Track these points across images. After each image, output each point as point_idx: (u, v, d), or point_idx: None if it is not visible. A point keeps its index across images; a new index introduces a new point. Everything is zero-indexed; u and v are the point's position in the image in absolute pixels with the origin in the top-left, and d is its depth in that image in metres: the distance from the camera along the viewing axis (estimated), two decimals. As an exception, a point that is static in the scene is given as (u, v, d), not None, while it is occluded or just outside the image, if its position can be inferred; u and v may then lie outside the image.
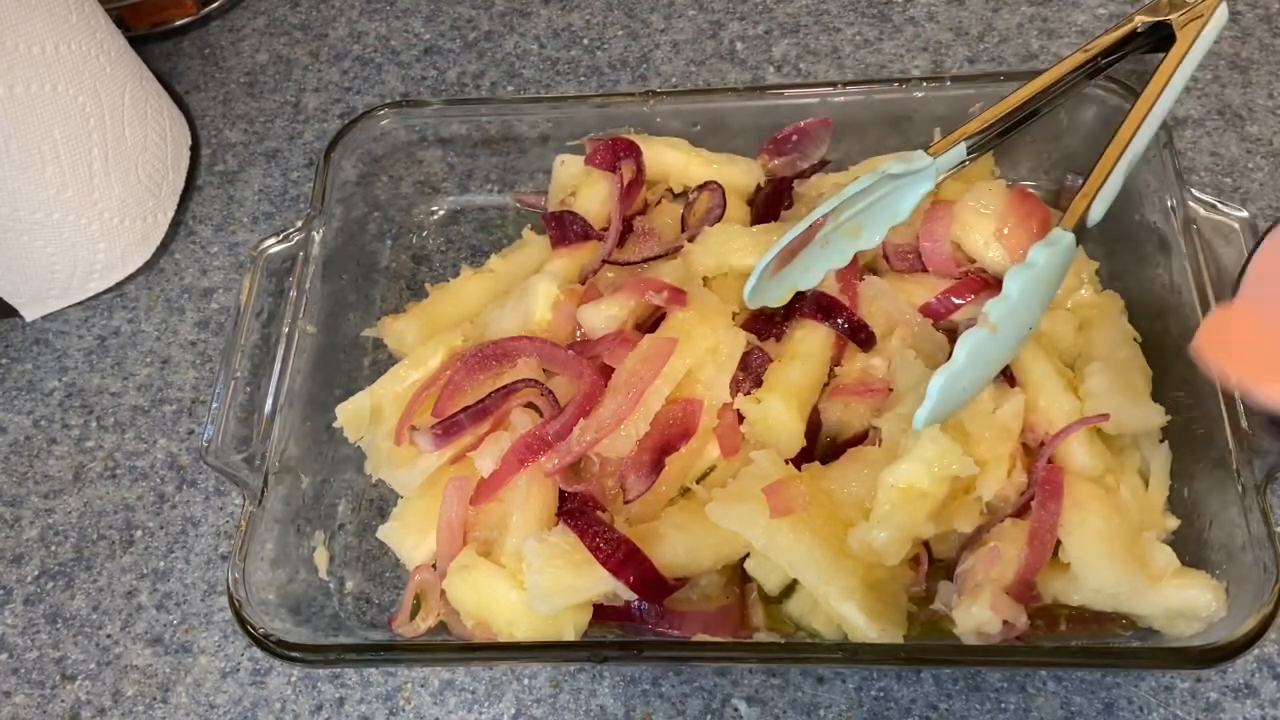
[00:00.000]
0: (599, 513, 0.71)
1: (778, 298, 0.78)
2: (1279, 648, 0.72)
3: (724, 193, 0.86)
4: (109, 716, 0.77)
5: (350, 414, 0.80)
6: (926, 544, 0.70)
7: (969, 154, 0.75)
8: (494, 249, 0.94)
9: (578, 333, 0.80)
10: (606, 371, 0.75)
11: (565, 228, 0.87)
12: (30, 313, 0.96)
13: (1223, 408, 0.69)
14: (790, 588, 0.72)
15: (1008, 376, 0.75)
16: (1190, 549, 0.69)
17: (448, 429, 0.74)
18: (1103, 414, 0.72)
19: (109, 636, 0.80)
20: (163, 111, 0.99)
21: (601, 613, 0.72)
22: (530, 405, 0.76)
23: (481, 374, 0.77)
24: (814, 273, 0.78)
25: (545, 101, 0.92)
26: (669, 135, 0.90)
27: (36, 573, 0.84)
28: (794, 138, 0.89)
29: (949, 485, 0.67)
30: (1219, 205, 0.75)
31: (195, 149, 1.05)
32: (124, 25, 1.07)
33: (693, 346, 0.74)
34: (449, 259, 0.96)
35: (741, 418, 0.76)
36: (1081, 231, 0.68)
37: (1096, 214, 0.69)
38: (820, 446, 0.78)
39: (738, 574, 0.73)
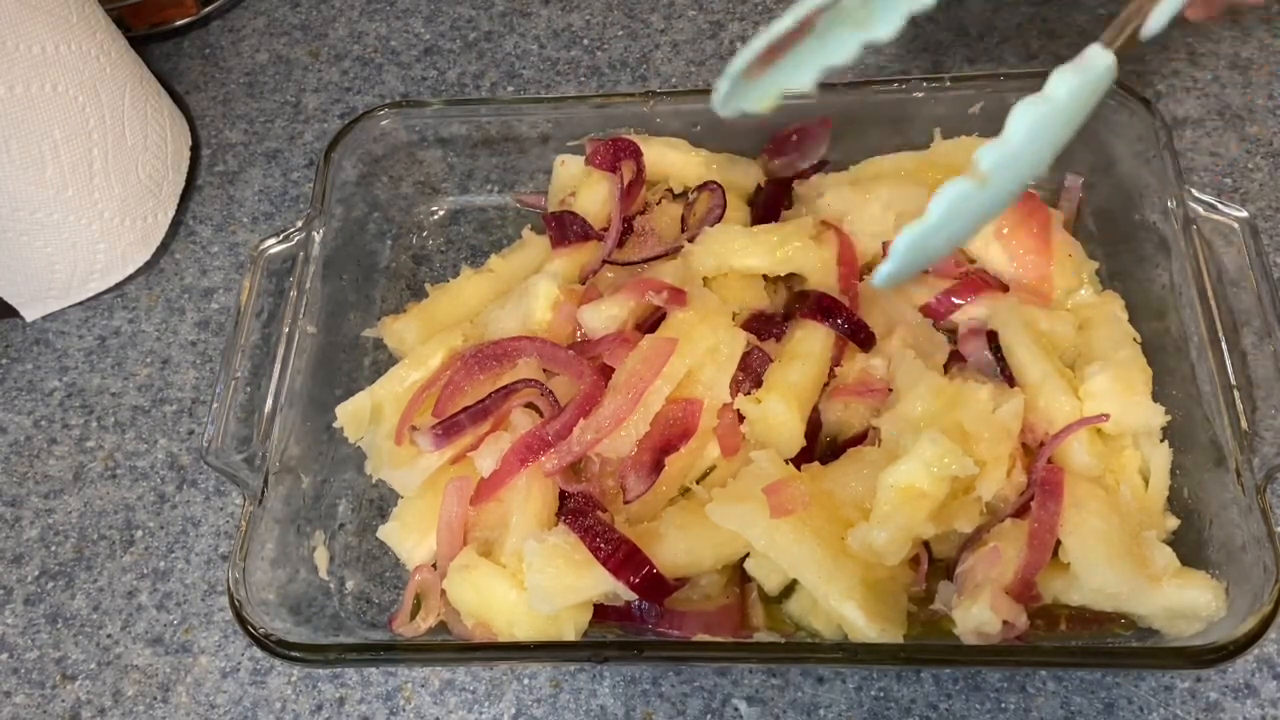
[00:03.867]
0: (599, 513, 0.71)
1: (759, 101, 0.63)
2: (1279, 648, 0.72)
3: (724, 193, 0.86)
4: (109, 716, 0.77)
5: (350, 414, 0.80)
6: (926, 544, 0.70)
7: None
8: (494, 249, 0.94)
9: (578, 333, 0.80)
10: (607, 371, 0.75)
11: (565, 228, 0.87)
12: (30, 313, 0.96)
13: (1223, 408, 0.69)
14: (790, 588, 0.72)
15: (1008, 376, 0.75)
16: (1190, 549, 0.69)
17: (448, 429, 0.74)
18: (1103, 414, 0.72)
19: (109, 636, 0.80)
20: (163, 111, 0.99)
21: (602, 613, 0.72)
22: (530, 405, 0.77)
23: (481, 374, 0.77)
24: (806, 71, 0.62)
25: (545, 102, 0.92)
26: (669, 135, 0.90)
27: (37, 573, 0.84)
28: (794, 138, 0.89)
29: (949, 485, 0.67)
30: (1219, 205, 0.75)
31: (195, 149, 1.05)
32: (124, 25, 1.07)
33: (693, 347, 0.74)
34: (449, 259, 0.96)
35: (741, 418, 0.76)
36: (1127, 50, 0.54)
37: (1157, 23, 0.55)
38: (820, 446, 0.78)
39: (738, 574, 0.73)
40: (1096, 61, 0.52)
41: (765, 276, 0.83)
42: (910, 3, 0.58)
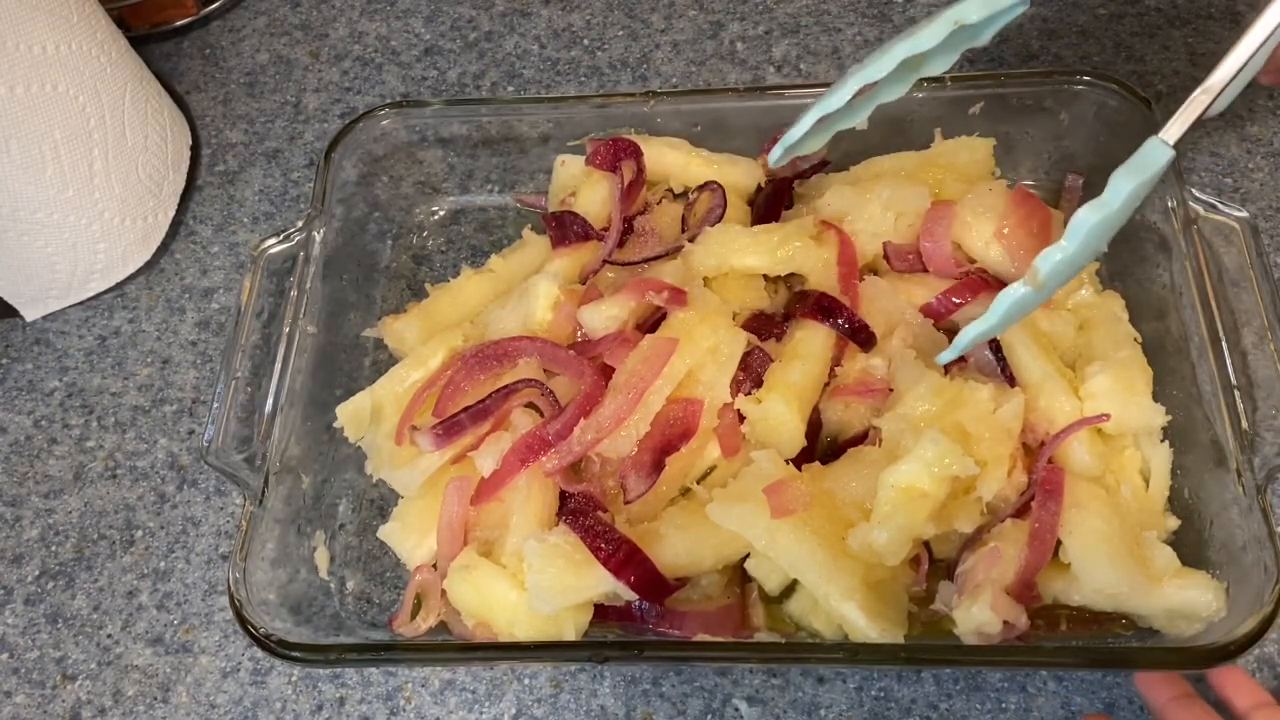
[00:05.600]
0: (599, 513, 0.71)
1: (815, 145, 0.72)
2: (1279, 648, 0.72)
3: (724, 193, 0.86)
4: (109, 716, 0.77)
5: (351, 414, 0.80)
6: (927, 544, 0.70)
7: None
8: (494, 249, 0.94)
9: (578, 333, 0.80)
10: (607, 372, 0.75)
11: (565, 228, 0.87)
12: (31, 313, 0.96)
13: (1223, 408, 0.69)
14: (790, 588, 0.72)
15: (1008, 376, 0.75)
16: (1190, 549, 0.69)
17: (448, 429, 0.74)
18: (1103, 414, 0.72)
19: (109, 636, 0.80)
20: (163, 111, 0.99)
21: (602, 613, 0.72)
22: (531, 405, 0.77)
23: (482, 374, 0.77)
24: (861, 112, 0.71)
25: (546, 102, 0.92)
26: (669, 135, 0.90)
27: (37, 573, 0.84)
28: (794, 138, 0.89)
29: (949, 486, 0.67)
30: (1219, 205, 0.75)
31: (196, 149, 1.05)
32: (124, 25, 1.07)
33: (693, 346, 0.74)
34: (449, 259, 0.96)
35: (742, 418, 0.76)
36: (1183, 141, 0.56)
37: (1221, 106, 0.58)
38: (820, 446, 0.78)
39: (738, 574, 0.73)
40: (1156, 157, 0.54)
41: (765, 276, 0.83)
42: (969, 41, 0.64)
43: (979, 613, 0.65)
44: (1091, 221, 0.58)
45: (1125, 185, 0.57)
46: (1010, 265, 0.80)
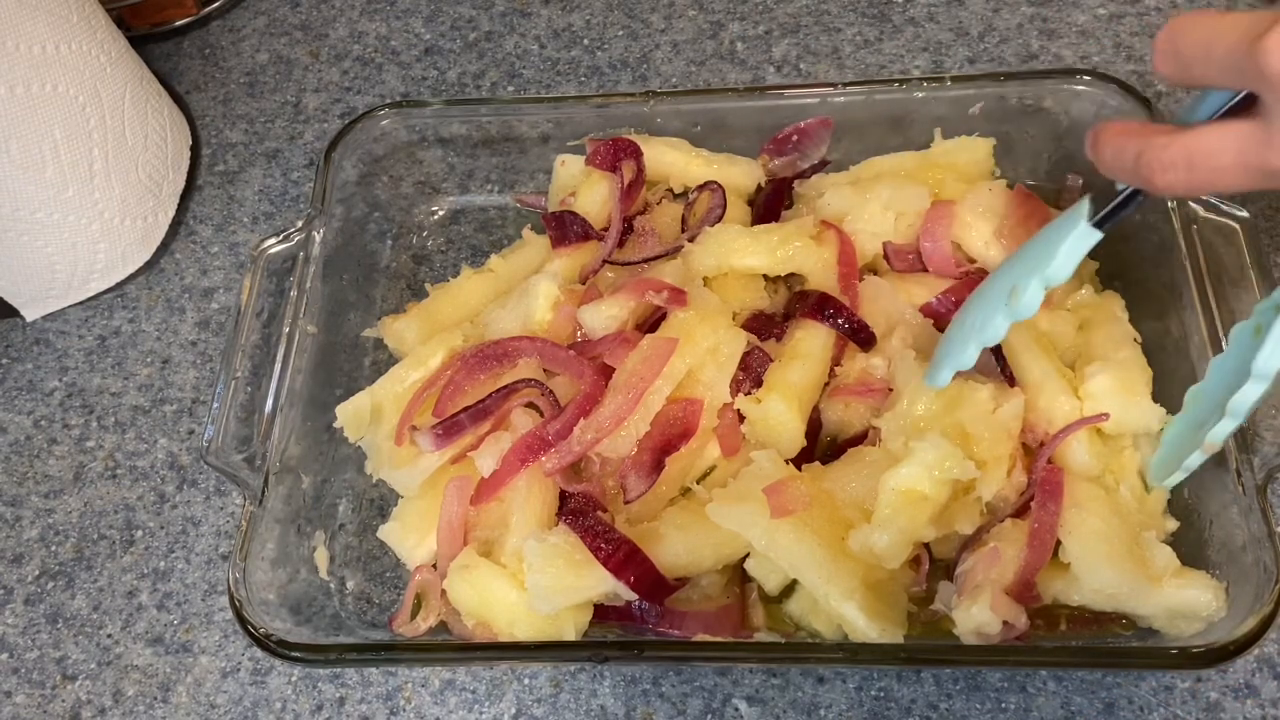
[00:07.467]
0: (599, 513, 0.71)
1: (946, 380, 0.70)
2: (1279, 648, 0.72)
3: (724, 193, 0.86)
4: (109, 716, 0.77)
5: (350, 414, 0.80)
6: (927, 544, 0.70)
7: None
8: (494, 249, 0.94)
9: (578, 333, 0.80)
10: (607, 371, 0.75)
11: (565, 228, 0.87)
12: (31, 313, 0.96)
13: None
14: (790, 588, 0.72)
15: (1008, 376, 0.75)
16: (1190, 549, 0.69)
17: (448, 429, 0.74)
18: (1103, 414, 0.72)
19: (109, 636, 0.80)
20: (163, 111, 0.99)
21: (602, 613, 0.72)
22: (531, 405, 0.77)
23: (482, 374, 0.77)
24: (996, 328, 0.66)
25: (545, 102, 0.92)
26: (669, 135, 0.90)
27: (37, 572, 0.84)
28: (794, 138, 0.89)
29: (950, 489, 0.67)
30: (1219, 205, 0.75)
31: (195, 149, 1.05)
32: (124, 25, 1.07)
33: (693, 346, 0.74)
34: (449, 259, 0.96)
35: (742, 418, 0.76)
36: None
37: None
38: (820, 446, 0.78)
39: (738, 574, 0.73)
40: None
41: (765, 276, 0.83)
42: (1046, 280, 0.62)
43: (979, 613, 0.65)
44: (1258, 399, 0.61)
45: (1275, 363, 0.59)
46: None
